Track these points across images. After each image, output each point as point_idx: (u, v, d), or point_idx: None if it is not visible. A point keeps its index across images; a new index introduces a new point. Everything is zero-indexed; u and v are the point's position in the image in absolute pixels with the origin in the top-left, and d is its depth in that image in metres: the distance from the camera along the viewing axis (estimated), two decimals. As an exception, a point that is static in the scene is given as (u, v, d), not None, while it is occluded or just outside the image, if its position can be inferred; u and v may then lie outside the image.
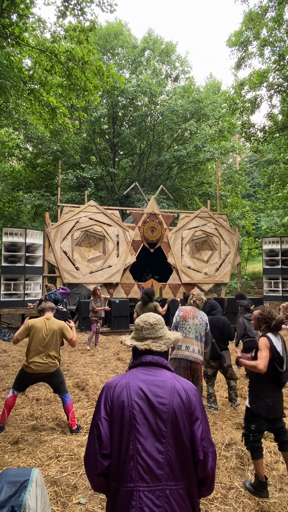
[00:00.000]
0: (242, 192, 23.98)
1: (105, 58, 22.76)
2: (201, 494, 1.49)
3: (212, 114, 20.63)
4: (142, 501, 1.33)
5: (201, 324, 4.26)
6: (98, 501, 2.92)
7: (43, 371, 4.15)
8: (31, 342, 4.17)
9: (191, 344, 4.14)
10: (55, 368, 4.26)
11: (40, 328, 4.17)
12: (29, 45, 7.97)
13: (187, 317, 4.24)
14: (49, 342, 4.18)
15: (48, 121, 9.13)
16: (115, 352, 8.60)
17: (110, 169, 19.84)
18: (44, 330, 4.17)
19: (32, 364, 4.10)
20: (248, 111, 13.94)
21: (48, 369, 4.17)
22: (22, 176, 21.56)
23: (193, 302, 4.42)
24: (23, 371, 4.21)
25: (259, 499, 2.89)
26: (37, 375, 4.19)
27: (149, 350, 1.61)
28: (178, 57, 23.94)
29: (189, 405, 1.46)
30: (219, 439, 3.86)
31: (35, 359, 4.11)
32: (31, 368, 4.11)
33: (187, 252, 13.77)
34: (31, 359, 4.11)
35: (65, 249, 12.03)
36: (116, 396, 1.46)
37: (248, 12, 13.00)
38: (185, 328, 4.20)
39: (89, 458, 1.45)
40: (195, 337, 4.18)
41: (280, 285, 13.69)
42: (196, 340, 4.18)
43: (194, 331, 4.20)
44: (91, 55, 8.13)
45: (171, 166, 21.21)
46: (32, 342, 4.15)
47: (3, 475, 2.14)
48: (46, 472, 3.25)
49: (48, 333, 4.18)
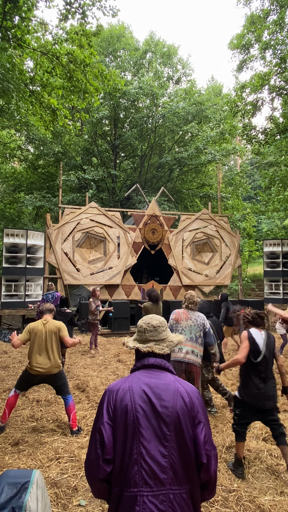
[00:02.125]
0: (243, 194, 23.98)
1: (107, 60, 22.83)
2: (203, 498, 1.49)
3: (213, 116, 20.67)
4: (146, 506, 1.31)
5: (196, 325, 4.22)
6: (99, 503, 2.91)
7: (46, 372, 4.17)
8: (32, 345, 4.21)
9: (184, 345, 4.12)
10: (58, 369, 4.27)
11: (40, 331, 4.22)
12: (31, 47, 8.01)
13: (180, 319, 4.25)
14: (49, 343, 4.22)
15: (48, 123, 9.16)
16: (116, 354, 8.59)
17: (111, 171, 19.87)
18: (44, 333, 4.22)
19: (35, 366, 4.13)
20: (249, 114, 13.96)
21: (51, 371, 4.20)
22: (23, 177, 21.60)
23: (186, 306, 4.43)
24: (26, 372, 4.24)
25: (259, 502, 2.88)
26: (40, 377, 4.22)
27: (151, 353, 1.60)
28: (180, 60, 24.00)
29: (192, 408, 1.45)
30: (219, 442, 3.86)
31: (38, 361, 4.15)
32: (35, 370, 4.14)
33: (188, 254, 13.77)
34: (34, 361, 4.14)
35: (66, 250, 12.04)
36: (119, 400, 1.45)
37: (249, 15, 13.03)
38: (178, 330, 4.20)
39: (91, 463, 1.42)
40: (189, 338, 4.16)
41: (281, 287, 13.67)
42: (190, 342, 4.15)
43: (188, 333, 4.18)
44: (92, 58, 8.17)
45: (172, 168, 21.24)
46: (34, 345, 4.19)
47: (3, 476, 2.14)
48: (46, 474, 3.25)
49: (47, 335, 4.23)
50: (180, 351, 4.10)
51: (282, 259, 13.74)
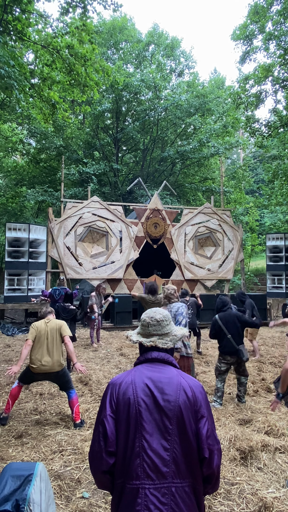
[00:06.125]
0: (246, 188, 23.86)
1: (109, 52, 22.61)
2: (206, 492, 1.49)
3: (216, 109, 20.48)
4: (148, 498, 1.32)
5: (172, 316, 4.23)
6: (102, 495, 2.93)
7: (49, 370, 4.20)
8: (35, 344, 4.24)
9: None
10: (61, 368, 4.30)
11: (43, 331, 4.28)
12: (31, 40, 7.93)
13: None
14: (52, 342, 4.26)
15: (48, 116, 9.12)
16: (118, 348, 8.62)
17: (113, 164, 19.77)
18: (46, 332, 4.28)
19: (37, 364, 4.17)
20: (253, 106, 13.81)
21: (53, 368, 4.23)
22: (25, 171, 21.53)
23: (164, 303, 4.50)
24: (28, 370, 4.26)
25: (261, 495, 2.89)
26: (43, 375, 4.26)
27: (155, 347, 1.60)
28: (182, 52, 23.74)
29: (195, 402, 1.45)
30: (222, 435, 3.87)
31: (40, 359, 4.18)
32: (37, 368, 4.17)
33: (190, 248, 13.74)
34: (36, 360, 4.18)
35: (68, 244, 12.04)
36: (122, 394, 1.46)
37: (253, 5, 12.82)
38: None
39: (94, 455, 1.44)
40: None
41: (283, 281, 13.64)
42: None
43: None
44: (93, 54, 8.10)
45: (175, 162, 21.11)
46: (36, 344, 4.23)
47: (7, 469, 2.15)
48: (50, 466, 3.27)
49: (49, 334, 4.28)
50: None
51: (285, 253, 13.69)
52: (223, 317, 5.05)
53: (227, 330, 4.94)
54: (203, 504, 1.45)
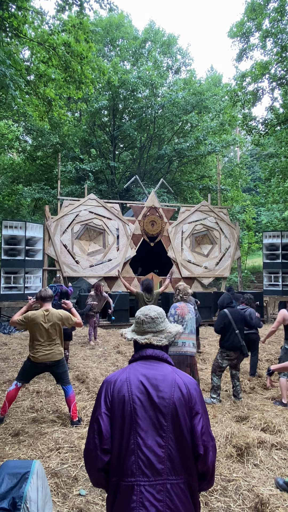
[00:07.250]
0: (243, 185, 23.87)
1: (106, 49, 22.49)
2: (201, 488, 1.49)
3: (213, 106, 20.45)
4: (143, 495, 1.33)
5: (193, 317, 4.44)
6: (99, 492, 2.94)
7: (50, 359, 4.20)
8: (33, 336, 4.21)
9: (187, 339, 4.29)
10: (61, 356, 4.32)
11: (41, 322, 4.20)
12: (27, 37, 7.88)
13: (184, 313, 4.39)
14: (51, 333, 4.23)
15: (43, 114, 9.08)
16: (115, 345, 8.63)
17: (110, 162, 19.72)
18: (44, 323, 4.20)
19: (38, 355, 4.15)
20: (250, 103, 13.79)
21: (54, 357, 4.23)
22: (21, 169, 21.44)
23: (181, 298, 4.53)
24: (29, 361, 4.25)
25: (258, 492, 2.91)
26: (44, 364, 4.23)
27: (149, 344, 1.60)
28: (179, 49, 23.66)
29: (190, 399, 1.45)
30: (219, 432, 3.88)
31: (40, 349, 4.17)
32: (38, 358, 4.16)
33: (187, 246, 13.75)
34: (36, 350, 4.17)
35: (65, 242, 12.01)
36: (116, 391, 1.46)
37: (250, 2, 12.78)
38: (182, 325, 4.29)
39: (89, 453, 1.44)
40: (190, 331, 4.34)
41: (280, 279, 13.68)
42: (192, 335, 4.34)
43: (190, 326, 4.35)
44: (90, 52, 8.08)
45: (172, 160, 21.08)
46: (36, 335, 4.20)
47: (4, 467, 2.15)
48: (46, 464, 3.27)
49: (48, 326, 4.22)
50: (183, 345, 4.27)
51: (282, 251, 13.73)
52: (232, 312, 5.13)
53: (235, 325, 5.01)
54: (198, 501, 1.46)
